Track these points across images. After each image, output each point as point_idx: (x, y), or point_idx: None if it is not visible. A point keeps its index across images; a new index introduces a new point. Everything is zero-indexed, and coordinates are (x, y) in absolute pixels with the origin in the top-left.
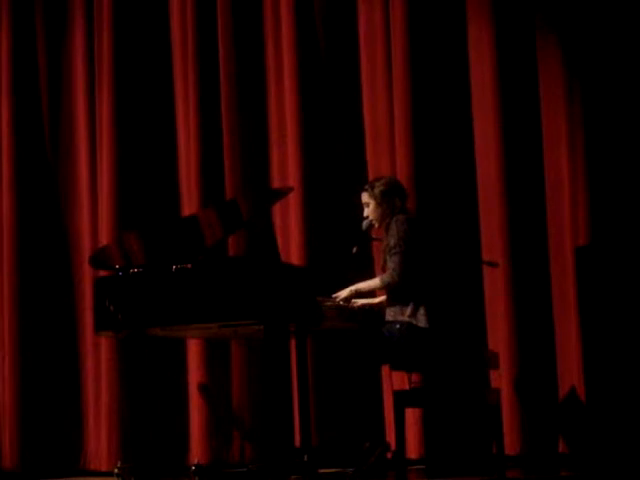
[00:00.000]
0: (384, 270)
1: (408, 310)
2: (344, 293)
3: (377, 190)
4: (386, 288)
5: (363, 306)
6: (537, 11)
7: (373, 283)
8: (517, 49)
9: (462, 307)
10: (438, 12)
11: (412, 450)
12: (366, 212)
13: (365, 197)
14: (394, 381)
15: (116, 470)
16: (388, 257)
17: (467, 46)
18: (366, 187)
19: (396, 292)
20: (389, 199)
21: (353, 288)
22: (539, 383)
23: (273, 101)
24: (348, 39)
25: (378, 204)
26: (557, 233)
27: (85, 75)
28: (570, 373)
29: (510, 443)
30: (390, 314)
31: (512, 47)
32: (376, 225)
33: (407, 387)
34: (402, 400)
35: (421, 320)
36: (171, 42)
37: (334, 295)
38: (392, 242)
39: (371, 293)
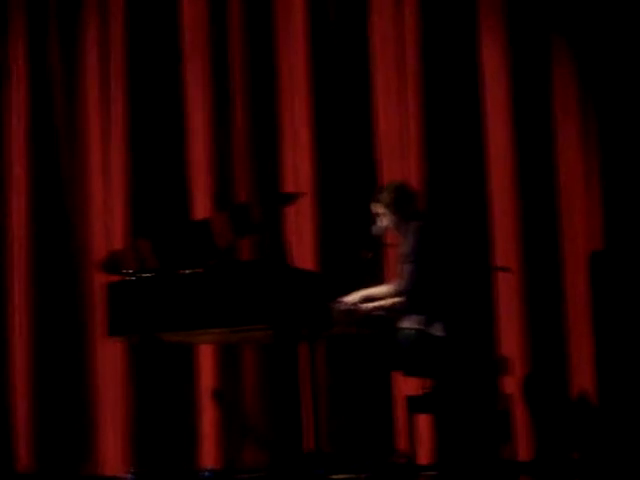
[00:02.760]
0: (399, 277)
1: (422, 319)
2: (352, 297)
3: (385, 201)
4: (396, 296)
5: (373, 310)
6: (550, 21)
7: (384, 290)
8: (529, 54)
9: (476, 315)
10: (450, 17)
11: (423, 456)
12: (384, 222)
13: (377, 208)
14: (405, 387)
15: (128, 475)
16: (401, 265)
17: (480, 50)
18: (375, 199)
19: (410, 301)
20: (399, 207)
21: (363, 293)
22: (551, 388)
23: (286, 105)
24: (360, 44)
25: (392, 213)
26: (571, 238)
27: (98, 79)
28: (583, 379)
29: (522, 449)
30: (404, 322)
31: (524, 53)
32: (394, 231)
33: (419, 393)
34: (413, 406)
35: (437, 330)
36: (183, 46)
37: (342, 299)
38: (406, 250)
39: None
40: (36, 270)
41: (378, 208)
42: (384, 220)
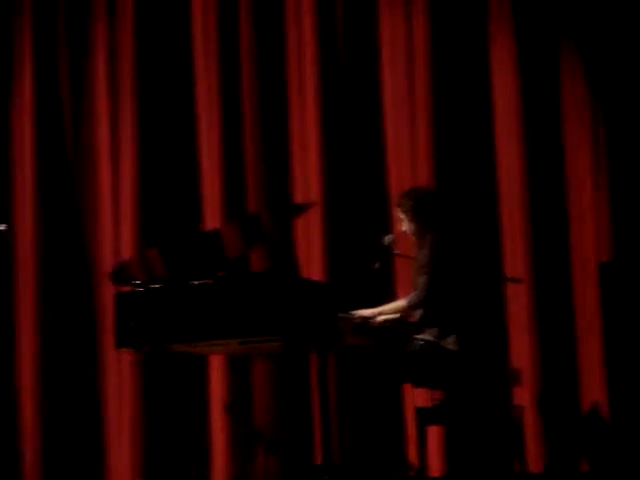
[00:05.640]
0: (414, 287)
1: (435, 332)
2: (366, 313)
3: (407, 206)
4: (411, 309)
5: (385, 322)
6: (561, 32)
7: (398, 305)
8: (539, 58)
9: (490, 327)
10: (460, 22)
11: (434, 468)
12: (403, 227)
13: (398, 213)
14: (416, 399)
15: None
16: (418, 276)
17: (489, 58)
18: (397, 203)
19: (424, 313)
20: (417, 215)
21: (377, 311)
22: (562, 400)
23: (295, 115)
24: (369, 51)
25: (410, 220)
26: (580, 249)
27: (107, 88)
28: (593, 390)
29: (533, 460)
30: (417, 334)
31: (534, 56)
32: (412, 238)
33: (429, 405)
34: (424, 418)
35: (450, 344)
36: (193, 54)
37: (355, 313)
38: (422, 261)
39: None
40: (44, 280)
41: (398, 213)
42: (403, 225)
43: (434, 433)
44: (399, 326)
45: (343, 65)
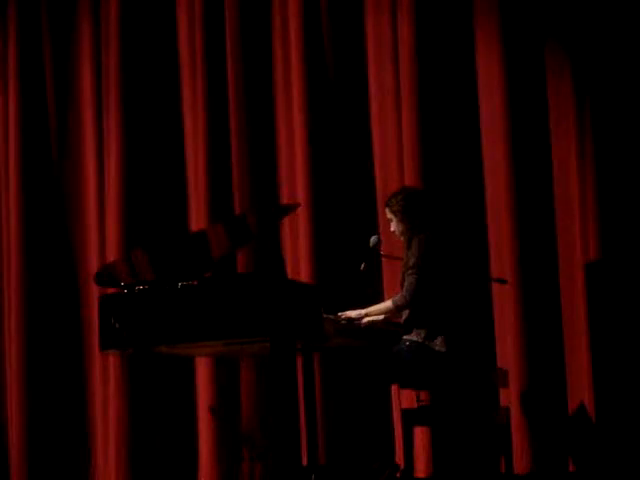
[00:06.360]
0: (402, 287)
1: (422, 333)
2: (353, 314)
3: (396, 207)
4: (397, 310)
5: (371, 323)
6: (546, 27)
7: (384, 306)
8: (526, 63)
9: (475, 329)
10: (446, 27)
11: (421, 469)
12: (392, 227)
13: (388, 213)
14: (403, 400)
15: None
16: (405, 277)
17: (475, 59)
18: (387, 203)
19: (411, 314)
20: (411, 213)
21: (363, 312)
22: (548, 401)
23: (281, 115)
24: (356, 53)
25: (399, 220)
26: (567, 249)
27: (92, 88)
28: (580, 391)
29: (519, 462)
30: (405, 335)
31: (520, 60)
32: (400, 239)
33: (415, 406)
34: (410, 419)
35: (437, 345)
36: (179, 53)
37: (342, 314)
38: (410, 262)
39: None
40: (29, 281)
41: (387, 213)
42: (392, 225)
43: (421, 434)
44: (386, 327)
45: (329, 66)
